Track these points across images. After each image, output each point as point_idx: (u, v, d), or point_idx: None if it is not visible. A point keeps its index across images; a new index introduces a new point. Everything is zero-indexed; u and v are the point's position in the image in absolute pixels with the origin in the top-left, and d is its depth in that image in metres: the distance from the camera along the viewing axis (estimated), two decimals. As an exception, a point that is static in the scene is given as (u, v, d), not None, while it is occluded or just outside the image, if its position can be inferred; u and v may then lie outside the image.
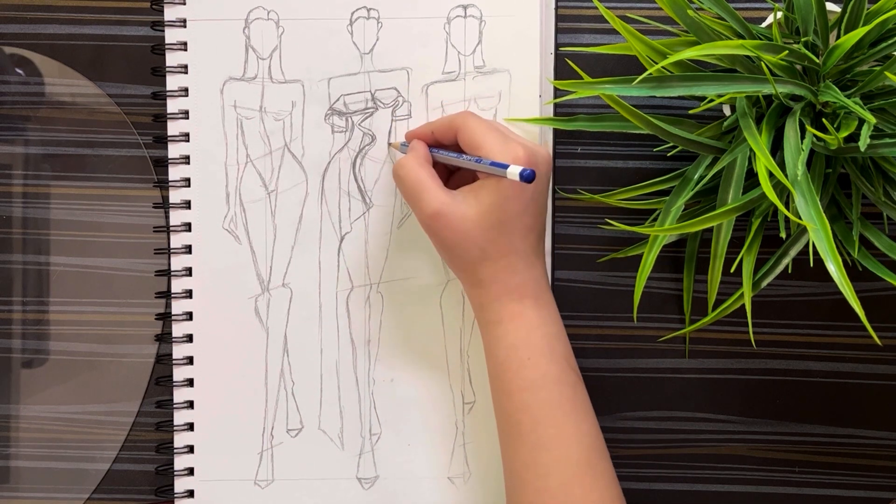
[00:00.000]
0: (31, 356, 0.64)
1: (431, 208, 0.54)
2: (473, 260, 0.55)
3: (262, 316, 0.62)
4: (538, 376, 0.54)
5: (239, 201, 0.62)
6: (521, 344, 0.55)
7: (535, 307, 0.55)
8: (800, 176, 0.48)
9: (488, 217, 0.54)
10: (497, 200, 0.54)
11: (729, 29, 0.54)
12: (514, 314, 0.55)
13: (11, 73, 0.63)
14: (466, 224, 0.54)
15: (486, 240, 0.54)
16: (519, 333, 0.55)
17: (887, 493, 0.63)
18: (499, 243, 0.54)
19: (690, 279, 0.61)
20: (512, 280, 0.55)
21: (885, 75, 0.48)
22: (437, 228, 0.55)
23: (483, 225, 0.54)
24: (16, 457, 0.64)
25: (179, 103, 0.61)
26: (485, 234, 0.54)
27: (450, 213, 0.54)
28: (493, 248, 0.54)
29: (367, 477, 0.62)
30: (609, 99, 0.51)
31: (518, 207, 0.54)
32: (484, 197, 0.54)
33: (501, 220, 0.54)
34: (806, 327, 0.63)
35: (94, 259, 0.64)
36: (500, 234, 0.54)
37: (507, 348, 0.55)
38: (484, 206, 0.54)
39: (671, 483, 0.63)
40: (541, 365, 0.54)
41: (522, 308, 0.55)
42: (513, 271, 0.55)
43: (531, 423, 0.54)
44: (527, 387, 0.54)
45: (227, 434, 0.62)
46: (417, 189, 0.55)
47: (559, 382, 0.54)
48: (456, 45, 0.61)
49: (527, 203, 0.55)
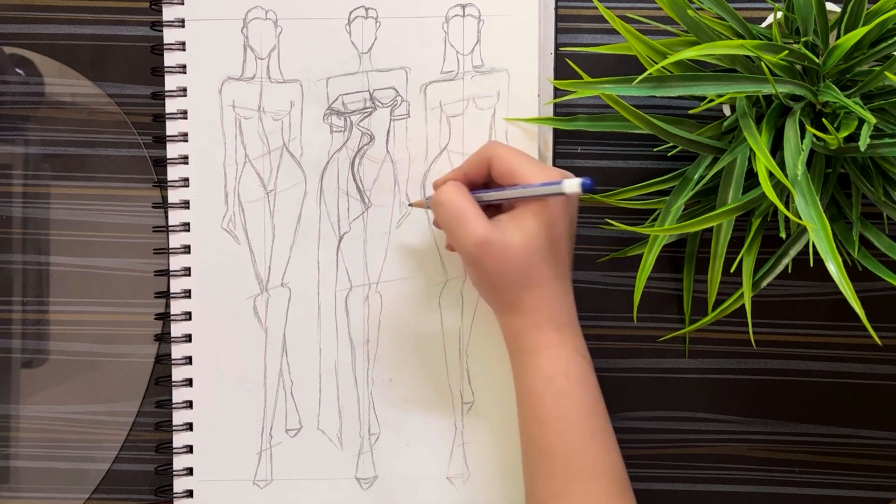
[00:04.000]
0: (31, 356, 0.64)
1: (478, 235, 0.53)
2: (516, 287, 0.54)
3: (260, 316, 0.62)
4: (574, 406, 0.54)
5: (238, 201, 0.62)
6: (558, 374, 0.54)
7: (572, 335, 0.55)
8: (800, 176, 0.48)
9: (532, 242, 0.54)
10: (540, 225, 0.54)
11: (729, 29, 0.53)
12: (552, 342, 0.54)
13: (11, 73, 0.63)
14: (511, 251, 0.54)
15: (530, 265, 0.54)
16: (558, 363, 0.54)
17: (887, 493, 0.63)
18: (542, 269, 0.54)
19: (690, 279, 0.61)
20: (553, 306, 0.55)
21: (885, 75, 0.48)
22: (480, 257, 0.54)
23: (528, 251, 0.54)
24: (16, 457, 0.64)
25: (178, 103, 0.61)
26: (529, 259, 0.54)
27: (496, 241, 0.53)
28: (537, 273, 0.54)
29: (365, 477, 0.62)
30: (609, 99, 0.51)
31: (559, 231, 0.54)
32: (526, 223, 0.54)
33: (545, 246, 0.54)
34: (806, 327, 0.62)
35: (94, 259, 0.64)
36: (544, 259, 0.54)
37: (543, 378, 0.54)
38: (528, 232, 0.54)
39: (671, 483, 0.63)
40: (577, 395, 0.54)
41: (562, 336, 0.55)
42: (554, 297, 0.55)
43: (566, 453, 0.53)
44: (563, 416, 0.54)
45: (226, 434, 0.62)
46: (460, 217, 0.54)
47: (593, 413, 0.54)
48: (454, 45, 0.61)
49: (568, 225, 0.55)
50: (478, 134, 0.61)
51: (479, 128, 0.61)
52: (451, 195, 0.55)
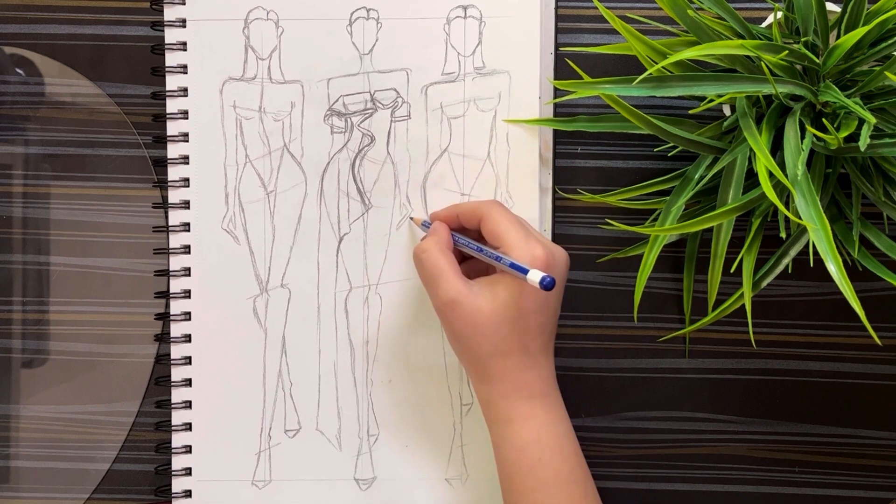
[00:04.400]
0: (31, 356, 0.64)
1: (448, 296, 0.54)
2: (484, 354, 0.55)
3: (260, 316, 0.62)
4: (550, 476, 0.54)
5: (238, 201, 0.62)
6: (531, 444, 0.54)
7: (543, 406, 0.55)
8: (800, 176, 0.48)
9: (502, 313, 0.54)
10: (512, 297, 0.54)
11: (729, 29, 0.53)
12: (523, 414, 0.55)
13: (11, 73, 0.64)
14: (480, 317, 0.54)
15: (497, 335, 0.54)
16: (530, 434, 0.55)
17: (887, 493, 0.63)
18: (510, 340, 0.54)
19: (690, 279, 0.61)
20: (521, 378, 0.55)
21: (885, 75, 0.48)
22: (450, 317, 0.55)
23: (496, 320, 0.54)
24: (16, 457, 0.64)
25: (179, 103, 0.61)
26: (498, 329, 0.54)
27: (465, 304, 0.54)
28: (504, 344, 0.54)
29: (364, 478, 0.62)
30: (609, 99, 0.51)
31: (533, 306, 0.54)
32: (500, 291, 0.54)
33: (515, 318, 0.54)
34: (806, 327, 0.62)
35: (94, 259, 0.64)
36: (512, 330, 0.54)
37: (517, 449, 0.55)
38: (499, 301, 0.54)
39: (671, 483, 0.63)
40: (553, 465, 0.54)
41: (531, 408, 0.55)
42: (522, 369, 0.55)
43: None
44: (538, 487, 0.54)
45: (225, 434, 0.62)
46: (436, 275, 0.55)
47: (570, 482, 0.55)
48: (456, 46, 0.61)
49: (542, 303, 0.54)
50: (479, 135, 0.61)
51: (479, 129, 0.61)
52: (430, 253, 0.56)
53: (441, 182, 0.61)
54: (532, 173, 0.61)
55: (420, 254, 0.56)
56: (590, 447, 0.63)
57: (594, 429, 0.63)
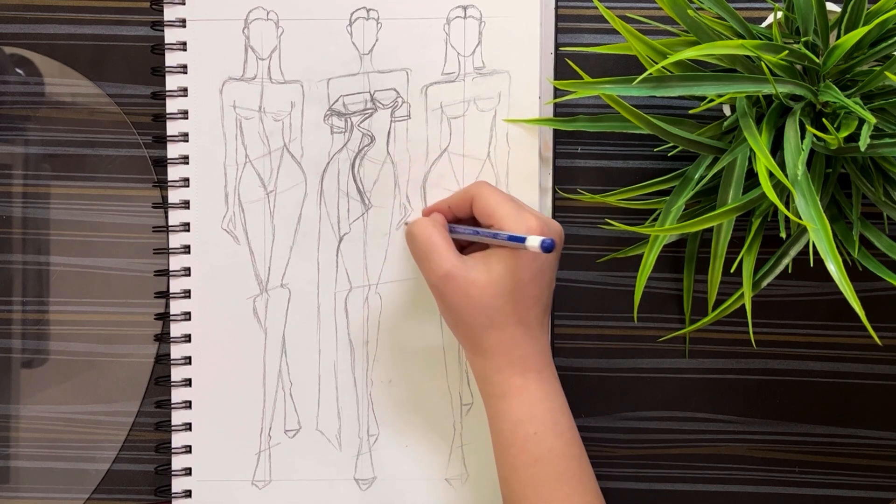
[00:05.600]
0: (31, 356, 0.64)
1: (442, 269, 0.54)
2: (479, 327, 0.55)
3: (260, 316, 0.62)
4: (544, 451, 0.54)
5: (238, 201, 0.62)
6: (526, 418, 0.54)
7: (538, 381, 0.55)
8: (800, 176, 0.48)
9: (497, 285, 0.54)
10: (507, 269, 0.54)
11: (729, 29, 0.53)
12: (518, 388, 0.55)
13: (11, 73, 0.64)
14: (475, 290, 0.54)
15: (493, 307, 0.54)
16: (524, 408, 0.55)
17: (887, 493, 0.63)
18: (505, 312, 0.54)
19: (690, 279, 0.61)
20: (516, 352, 0.55)
21: (885, 75, 0.48)
22: (444, 291, 0.54)
23: (491, 292, 0.54)
24: (16, 457, 0.64)
25: (179, 103, 0.61)
26: (492, 301, 0.54)
27: (459, 277, 0.54)
28: (499, 316, 0.54)
29: (364, 478, 0.62)
30: (609, 99, 0.51)
31: (527, 277, 0.54)
32: (494, 264, 0.54)
33: (510, 289, 0.54)
34: (806, 327, 0.62)
35: (94, 259, 0.64)
36: (507, 302, 0.54)
37: (511, 423, 0.55)
38: (494, 274, 0.54)
39: (671, 483, 0.63)
40: (546, 439, 0.54)
41: (526, 382, 0.55)
42: (517, 343, 0.55)
43: (537, 498, 0.54)
44: (533, 462, 0.54)
45: (224, 434, 0.62)
46: (428, 249, 0.55)
47: (565, 456, 0.54)
48: (455, 46, 0.61)
49: (536, 273, 0.54)
50: (478, 135, 0.61)
51: (479, 129, 0.61)
52: (422, 227, 0.56)
53: (441, 182, 0.61)
54: (532, 173, 0.61)
55: (412, 228, 0.56)
56: (590, 447, 0.63)
57: (594, 429, 0.63)
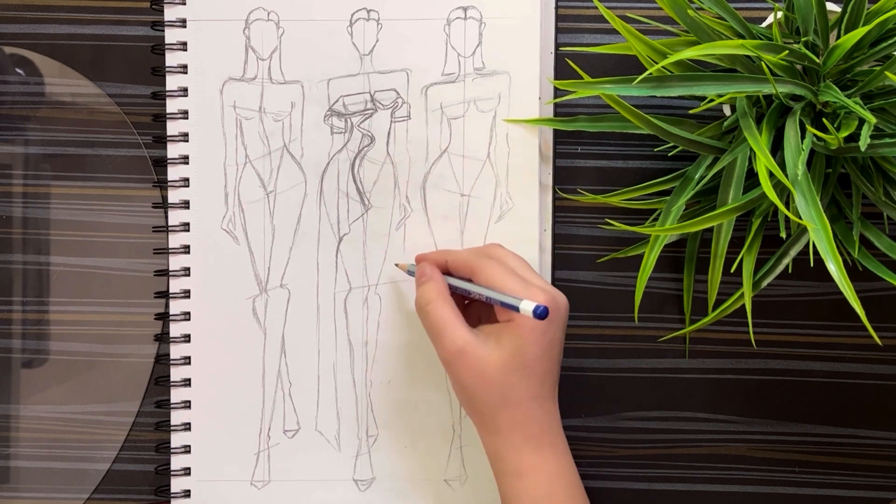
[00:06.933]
0: (31, 356, 0.64)
1: (455, 346, 0.54)
2: (492, 405, 0.54)
3: (259, 316, 0.62)
4: None
5: (238, 202, 0.62)
6: (543, 497, 0.54)
7: (553, 455, 0.55)
8: (800, 176, 0.48)
9: (509, 361, 0.53)
10: (517, 344, 0.53)
11: (729, 29, 0.53)
12: (534, 466, 0.54)
13: (11, 73, 0.64)
14: (487, 367, 0.54)
15: (506, 384, 0.54)
16: (541, 487, 0.54)
17: (887, 493, 0.63)
18: (518, 388, 0.54)
19: (690, 279, 0.61)
20: (531, 428, 0.54)
21: (885, 75, 0.48)
22: (458, 367, 0.54)
23: (504, 369, 0.53)
24: (16, 457, 0.64)
25: (179, 103, 0.61)
26: (505, 378, 0.53)
27: (472, 353, 0.54)
28: (512, 393, 0.54)
29: (363, 479, 0.62)
30: (609, 99, 0.51)
31: (538, 352, 0.54)
32: (505, 340, 0.54)
33: (522, 365, 0.54)
34: (806, 327, 0.62)
35: (94, 259, 0.64)
36: (521, 378, 0.54)
37: (530, 501, 0.54)
38: (505, 350, 0.54)
39: (671, 483, 0.63)
40: None
41: (542, 459, 0.55)
42: (532, 418, 0.54)
43: None
44: None
45: (224, 434, 0.62)
46: (441, 326, 0.55)
47: None
48: (456, 47, 0.61)
49: (546, 348, 0.54)
50: (479, 136, 0.61)
51: (479, 130, 0.61)
52: (435, 304, 0.55)
53: (441, 182, 0.61)
54: (532, 173, 0.61)
55: (425, 305, 0.56)
56: (590, 447, 0.63)
57: (594, 429, 0.63)
